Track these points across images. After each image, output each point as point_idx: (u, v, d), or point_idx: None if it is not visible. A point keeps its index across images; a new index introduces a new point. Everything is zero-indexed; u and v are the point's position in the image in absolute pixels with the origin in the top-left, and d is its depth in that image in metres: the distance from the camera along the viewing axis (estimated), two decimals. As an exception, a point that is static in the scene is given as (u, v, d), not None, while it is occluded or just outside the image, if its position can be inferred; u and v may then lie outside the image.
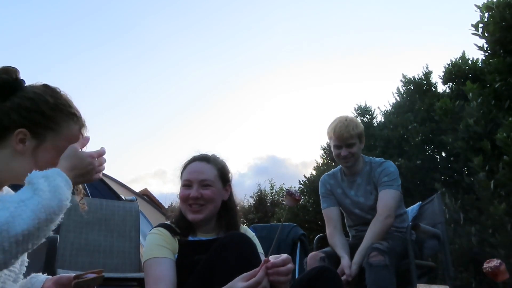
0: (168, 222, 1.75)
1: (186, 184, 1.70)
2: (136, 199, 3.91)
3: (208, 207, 1.69)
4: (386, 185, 2.50)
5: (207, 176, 1.71)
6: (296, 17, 17.07)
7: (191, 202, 1.67)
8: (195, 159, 1.78)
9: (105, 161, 1.20)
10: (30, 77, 1.26)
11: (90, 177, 1.15)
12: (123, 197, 4.04)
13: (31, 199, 0.95)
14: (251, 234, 1.82)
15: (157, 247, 1.60)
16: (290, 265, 1.42)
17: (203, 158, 1.77)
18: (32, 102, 1.15)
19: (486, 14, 4.31)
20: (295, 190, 1.53)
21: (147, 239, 1.67)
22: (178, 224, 1.71)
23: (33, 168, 1.07)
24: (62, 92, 1.22)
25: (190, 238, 1.69)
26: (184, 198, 1.69)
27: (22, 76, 1.20)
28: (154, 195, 11.86)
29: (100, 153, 1.18)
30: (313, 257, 2.45)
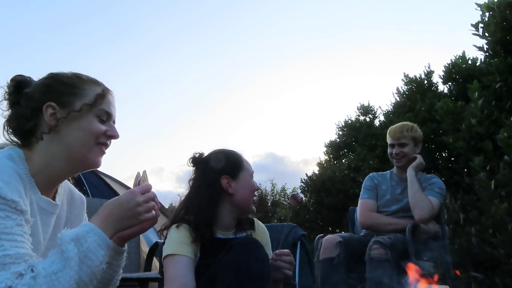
0: (188, 218, 1.70)
1: (252, 177, 1.77)
2: (137, 199, 3.91)
3: None
4: (435, 194, 2.62)
5: None
6: (298, 16, 17.06)
7: (255, 194, 1.77)
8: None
9: (154, 196, 1.10)
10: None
11: (135, 220, 1.06)
12: (123, 197, 4.03)
13: (63, 272, 0.91)
14: (262, 227, 1.86)
15: (178, 243, 1.58)
16: (291, 258, 1.62)
17: None
18: (50, 78, 1.17)
19: (487, 14, 4.30)
20: (297, 193, 1.87)
21: (170, 233, 1.65)
22: (201, 222, 1.66)
23: (74, 142, 1.09)
24: None
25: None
26: (256, 189, 1.76)
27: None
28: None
29: (145, 189, 1.09)
30: (330, 240, 2.46)
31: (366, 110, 7.70)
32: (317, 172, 7.57)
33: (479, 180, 3.76)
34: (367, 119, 7.64)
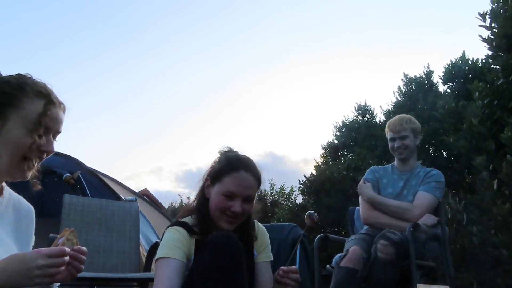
0: (185, 221, 1.66)
1: (229, 196, 1.59)
2: (136, 199, 3.90)
3: (240, 221, 1.65)
4: (430, 188, 2.63)
5: (252, 192, 1.63)
6: (297, 16, 17.07)
7: (229, 214, 1.59)
8: (241, 166, 1.62)
9: (62, 263, 1.05)
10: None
11: (28, 280, 1.01)
12: (123, 197, 4.02)
13: None
14: (262, 229, 1.80)
15: (170, 246, 1.55)
16: (298, 276, 1.59)
17: (249, 169, 1.63)
18: None
19: (496, 6, 4.21)
20: (313, 213, 1.80)
21: (164, 236, 1.61)
22: (198, 224, 1.63)
23: (5, 150, 1.11)
24: (33, 78, 1.22)
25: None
26: (223, 209, 1.59)
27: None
28: (150, 192, 11.83)
29: (55, 253, 1.03)
30: (357, 253, 2.38)
31: (363, 110, 7.70)
32: (315, 173, 7.57)
33: (482, 179, 3.75)
34: (365, 119, 7.64)
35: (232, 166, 1.62)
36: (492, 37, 4.33)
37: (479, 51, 4.76)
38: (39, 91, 1.18)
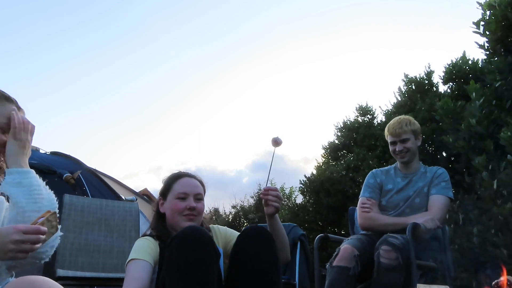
0: (153, 233, 1.86)
1: (182, 197, 1.83)
2: (136, 199, 3.91)
3: (199, 218, 1.85)
4: (441, 189, 2.61)
5: (200, 191, 1.89)
6: (297, 15, 17.08)
7: (187, 213, 1.80)
8: (183, 175, 1.91)
9: (37, 241, 1.08)
10: (31, 76, 1.32)
11: (2, 254, 1.04)
12: (123, 197, 4.03)
13: None
14: (218, 228, 1.95)
15: (140, 250, 1.71)
16: (278, 193, 1.73)
17: (191, 175, 1.93)
18: None
19: (487, 12, 4.30)
20: (278, 137, 1.87)
21: (135, 244, 1.78)
22: (160, 232, 1.82)
23: None
24: None
25: None
26: (180, 210, 1.80)
27: (22, 76, 1.33)
28: (150, 192, 11.78)
29: (30, 230, 1.06)
30: (348, 251, 2.37)
31: (364, 110, 7.71)
32: (315, 173, 7.58)
33: (481, 179, 3.75)
34: (366, 119, 7.64)
35: (176, 176, 1.91)
36: (488, 44, 4.41)
37: (479, 51, 4.78)
38: (5, 97, 1.33)
